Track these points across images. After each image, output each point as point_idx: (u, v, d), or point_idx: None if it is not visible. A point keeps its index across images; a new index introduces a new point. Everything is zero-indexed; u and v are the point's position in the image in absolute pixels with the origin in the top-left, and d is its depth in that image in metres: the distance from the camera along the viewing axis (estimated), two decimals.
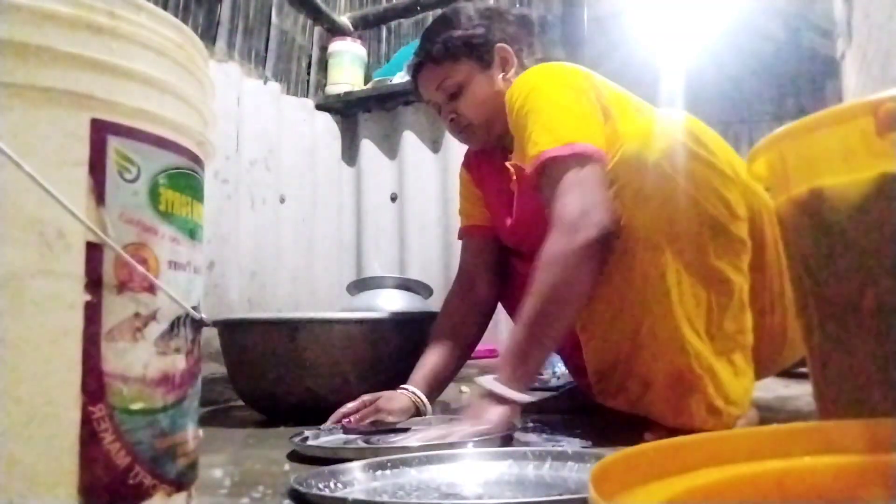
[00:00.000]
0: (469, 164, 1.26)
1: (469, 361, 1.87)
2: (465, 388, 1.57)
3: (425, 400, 1.02)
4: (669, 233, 0.80)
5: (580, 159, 0.87)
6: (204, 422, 0.51)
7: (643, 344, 0.84)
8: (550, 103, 0.92)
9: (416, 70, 1.14)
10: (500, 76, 1.10)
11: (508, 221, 1.14)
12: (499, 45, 1.10)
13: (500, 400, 0.85)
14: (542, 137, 0.90)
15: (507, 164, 1.08)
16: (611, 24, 1.90)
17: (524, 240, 1.12)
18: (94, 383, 0.39)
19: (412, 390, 1.01)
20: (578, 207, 0.84)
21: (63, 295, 0.38)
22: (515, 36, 1.12)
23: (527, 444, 0.86)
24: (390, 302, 1.82)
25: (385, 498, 0.62)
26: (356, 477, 0.68)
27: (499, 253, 1.21)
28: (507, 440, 0.84)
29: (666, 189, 0.80)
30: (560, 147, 0.87)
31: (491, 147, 1.18)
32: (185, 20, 1.76)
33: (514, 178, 1.09)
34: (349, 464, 0.70)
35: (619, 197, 0.84)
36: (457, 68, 1.09)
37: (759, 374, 0.94)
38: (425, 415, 1.01)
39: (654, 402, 0.85)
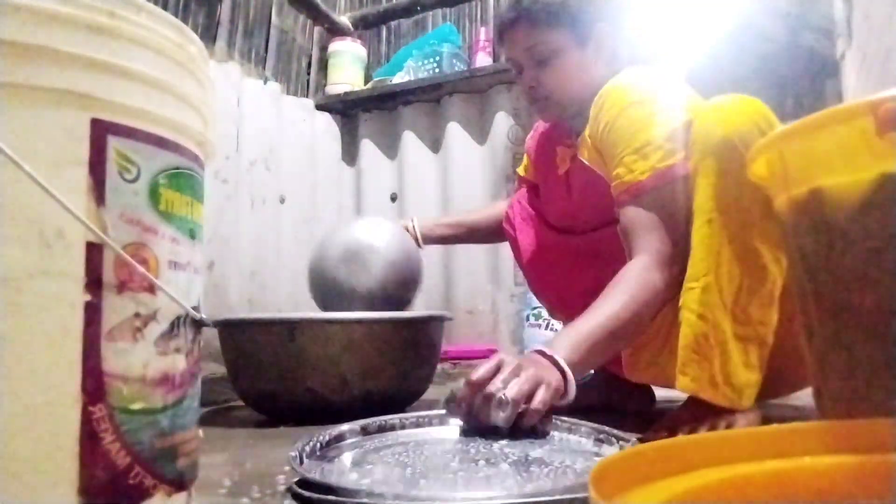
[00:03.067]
0: (531, 146, 1.28)
1: (469, 361, 1.88)
2: None
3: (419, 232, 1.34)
4: (722, 203, 0.82)
5: (670, 185, 0.90)
6: (204, 422, 0.51)
7: (679, 309, 0.86)
8: (644, 124, 0.93)
9: (508, 24, 1.06)
10: (594, 57, 1.06)
11: (560, 203, 1.17)
12: (600, 24, 1.05)
13: (561, 372, 0.83)
14: (636, 164, 0.92)
15: (571, 155, 1.10)
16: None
17: (573, 219, 1.15)
18: (94, 383, 0.39)
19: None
20: (670, 242, 0.90)
21: (63, 295, 0.39)
22: (616, 18, 1.08)
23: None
24: None
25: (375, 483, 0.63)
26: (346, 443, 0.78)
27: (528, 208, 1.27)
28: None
29: (728, 162, 0.81)
30: (653, 175, 0.91)
31: (558, 125, 1.18)
32: (185, 20, 1.76)
33: (568, 163, 1.11)
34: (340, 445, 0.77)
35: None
36: (553, 36, 1.03)
37: (776, 388, 0.94)
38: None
39: (671, 364, 0.87)
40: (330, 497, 0.56)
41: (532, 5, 1.03)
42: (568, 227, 1.17)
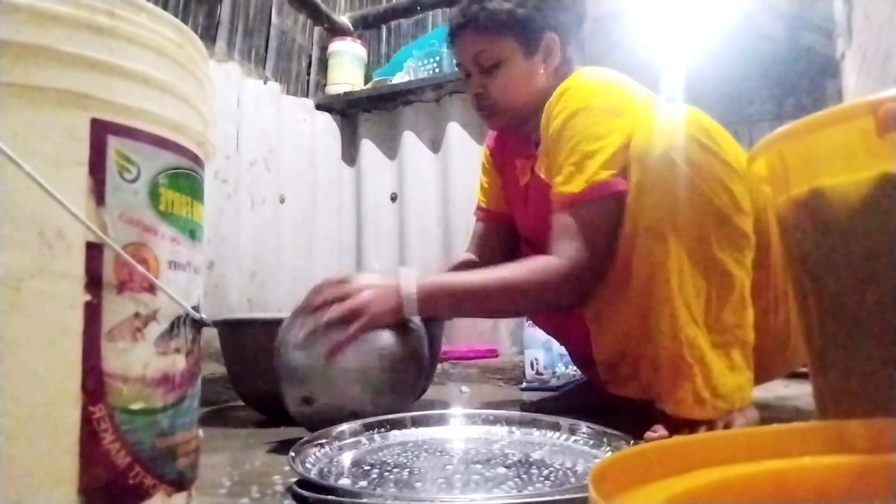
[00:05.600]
0: (492, 147, 1.26)
1: (469, 361, 1.88)
2: (465, 388, 1.57)
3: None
4: (673, 221, 0.82)
5: (600, 200, 0.91)
6: (204, 422, 0.51)
7: (649, 330, 0.86)
8: (586, 134, 0.93)
9: (456, 29, 1.06)
10: (542, 66, 1.04)
11: (524, 213, 1.16)
12: (549, 33, 1.03)
13: (398, 298, 0.90)
14: (573, 176, 0.92)
15: (531, 167, 1.09)
16: (611, 24, 1.90)
17: (534, 232, 1.14)
18: (94, 383, 0.39)
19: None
20: (588, 254, 0.91)
21: (63, 295, 0.39)
22: (566, 26, 1.06)
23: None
24: None
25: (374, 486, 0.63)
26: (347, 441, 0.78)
27: (507, 238, 1.24)
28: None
29: (672, 178, 0.82)
30: (586, 189, 0.91)
31: (516, 134, 1.18)
32: (185, 20, 1.76)
33: (529, 175, 1.11)
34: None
35: (629, 186, 0.89)
36: (499, 44, 1.02)
37: (763, 376, 0.94)
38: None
39: (657, 387, 0.87)
40: (329, 497, 0.56)
41: (479, 12, 1.02)
42: (532, 239, 1.17)
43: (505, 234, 1.24)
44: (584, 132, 0.92)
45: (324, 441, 0.75)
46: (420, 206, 2.23)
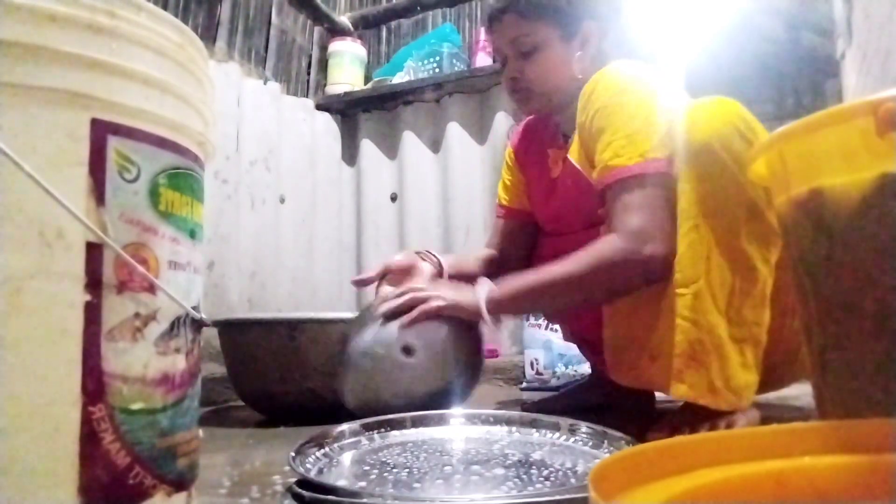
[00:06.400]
0: (516, 145, 1.27)
1: None
2: None
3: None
4: (707, 208, 0.82)
5: (657, 176, 0.89)
6: (204, 422, 0.51)
7: (664, 313, 0.86)
8: (635, 112, 0.92)
9: (497, 14, 1.08)
10: (578, 54, 1.06)
11: (547, 205, 1.17)
12: (588, 22, 1.06)
13: (473, 301, 0.99)
14: (625, 150, 0.91)
15: (564, 156, 1.09)
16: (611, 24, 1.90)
17: (561, 222, 1.15)
18: (94, 383, 0.39)
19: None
20: (650, 227, 0.88)
21: (63, 295, 0.39)
22: (605, 17, 1.08)
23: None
24: None
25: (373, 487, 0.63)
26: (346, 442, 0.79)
27: (527, 235, 1.25)
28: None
29: (710, 166, 0.82)
30: (642, 163, 0.90)
31: (541, 119, 1.19)
32: (185, 20, 1.76)
33: (560, 165, 1.12)
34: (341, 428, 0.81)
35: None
36: (539, 29, 1.05)
37: (773, 383, 0.94)
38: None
39: (662, 371, 0.86)
40: (329, 497, 0.56)
41: None
42: (556, 230, 1.18)
43: (525, 230, 1.25)
44: (633, 110, 0.92)
45: (324, 441, 0.75)
46: (420, 206, 2.23)
